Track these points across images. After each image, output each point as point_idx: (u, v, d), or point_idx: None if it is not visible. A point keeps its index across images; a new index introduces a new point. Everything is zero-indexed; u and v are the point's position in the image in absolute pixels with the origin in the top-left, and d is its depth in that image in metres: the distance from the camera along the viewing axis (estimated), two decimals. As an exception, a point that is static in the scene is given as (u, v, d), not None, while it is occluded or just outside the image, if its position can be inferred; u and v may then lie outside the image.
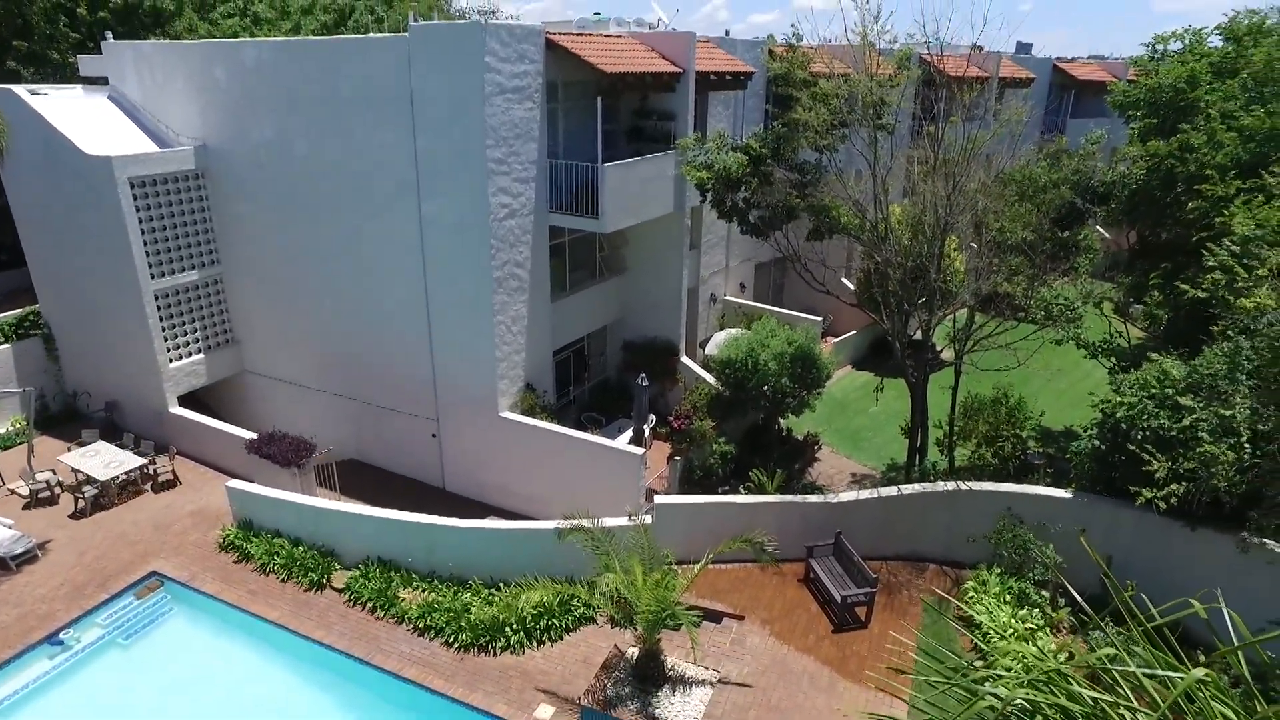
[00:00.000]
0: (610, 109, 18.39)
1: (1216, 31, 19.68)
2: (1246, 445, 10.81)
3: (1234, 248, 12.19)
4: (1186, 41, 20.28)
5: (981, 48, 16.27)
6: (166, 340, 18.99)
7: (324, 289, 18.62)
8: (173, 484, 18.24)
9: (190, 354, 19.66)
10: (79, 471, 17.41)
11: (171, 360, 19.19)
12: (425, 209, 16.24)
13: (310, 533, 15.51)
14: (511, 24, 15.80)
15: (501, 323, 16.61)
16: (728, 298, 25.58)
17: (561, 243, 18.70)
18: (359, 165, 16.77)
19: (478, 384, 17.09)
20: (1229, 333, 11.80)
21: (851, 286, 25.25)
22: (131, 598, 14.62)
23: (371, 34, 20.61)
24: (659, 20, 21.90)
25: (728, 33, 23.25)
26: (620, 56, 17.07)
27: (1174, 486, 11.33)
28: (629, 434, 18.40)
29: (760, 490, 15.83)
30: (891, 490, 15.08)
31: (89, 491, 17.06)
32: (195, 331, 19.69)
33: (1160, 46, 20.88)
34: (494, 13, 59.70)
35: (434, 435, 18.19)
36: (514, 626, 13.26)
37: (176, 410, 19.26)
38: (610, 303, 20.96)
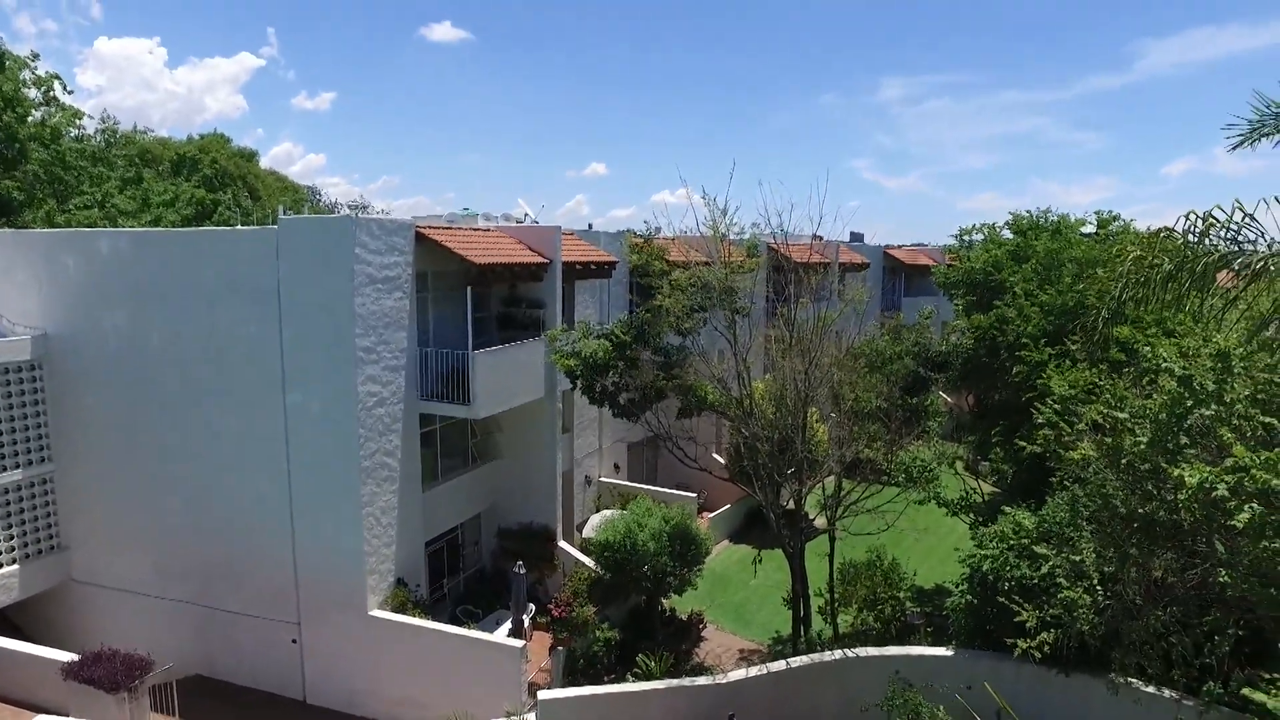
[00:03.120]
0: (481, 298, 18.89)
1: (1006, 226, 23.16)
2: (1098, 587, 11.51)
3: (1056, 406, 13.54)
4: (985, 234, 23.66)
5: (821, 237, 18.10)
6: (-27, 553, 16.80)
7: (175, 485, 17.25)
8: (-46, 732, 15.38)
9: (1, 565, 17.38)
10: None
11: (-24, 576, 16.89)
12: (290, 399, 15.72)
13: (138, 772, 13.39)
14: (382, 218, 16.35)
15: (370, 514, 15.84)
16: (603, 479, 25.54)
17: (433, 430, 18.40)
18: (220, 356, 16.22)
19: (344, 581, 15.94)
20: (1065, 483, 12.84)
21: (723, 461, 25.89)
22: None
23: (238, 226, 20.68)
24: (525, 214, 23.17)
25: (590, 226, 24.83)
26: (489, 248, 17.81)
27: (1044, 635, 11.77)
28: (508, 626, 17.47)
29: (648, 676, 15.19)
30: (780, 664, 14.82)
31: None
32: (12, 539, 17.53)
33: (966, 237, 24.17)
34: (364, 207, 61.59)
35: (294, 641, 16.57)
36: None
37: (-26, 636, 16.67)
38: (484, 489, 20.47)
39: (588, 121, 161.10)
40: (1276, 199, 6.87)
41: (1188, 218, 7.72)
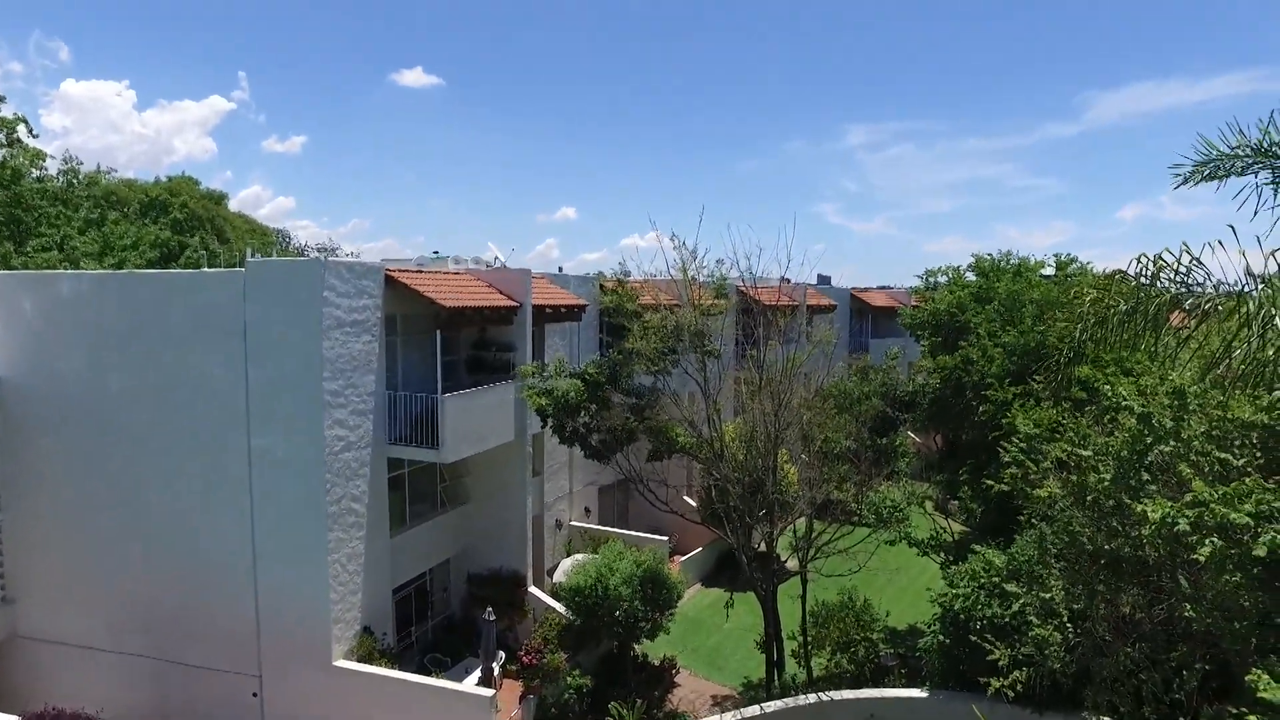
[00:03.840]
0: (450, 341, 18.81)
1: (969, 268, 23.70)
2: (1068, 625, 11.57)
3: (1021, 445, 13.73)
4: (950, 276, 24.19)
5: (789, 280, 18.38)
6: (-89, 610, 16.08)
7: (133, 532, 16.71)
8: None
9: (-56, 624, 16.66)
10: None
11: (-87, 635, 16.14)
12: (255, 443, 15.43)
13: (87, 838, 12.78)
14: (351, 261, 16.29)
15: (336, 561, 15.50)
16: (573, 523, 25.29)
17: (401, 474, 18.13)
18: (184, 400, 15.91)
19: (309, 631, 15.50)
20: (1033, 520, 12.97)
21: (694, 504, 25.78)
22: None
23: (205, 269, 20.48)
24: (495, 258, 23.21)
25: (560, 269, 24.99)
26: (459, 292, 17.81)
27: (1017, 673, 11.76)
28: (477, 674, 17.06)
29: (621, 724, 14.92)
30: (754, 710, 14.66)
31: None
32: (-43, 596, 16.85)
33: (932, 279, 24.71)
34: (334, 250, 61.29)
35: (255, 694, 16.01)
36: None
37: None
38: (453, 534, 20.15)
39: (558, 166, 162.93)
40: (1220, 242, 7.13)
41: (1139, 260, 7.97)
